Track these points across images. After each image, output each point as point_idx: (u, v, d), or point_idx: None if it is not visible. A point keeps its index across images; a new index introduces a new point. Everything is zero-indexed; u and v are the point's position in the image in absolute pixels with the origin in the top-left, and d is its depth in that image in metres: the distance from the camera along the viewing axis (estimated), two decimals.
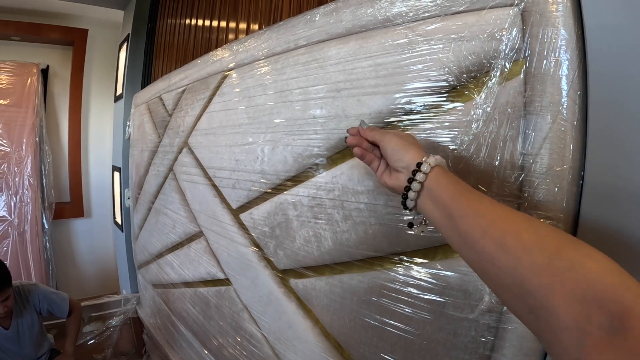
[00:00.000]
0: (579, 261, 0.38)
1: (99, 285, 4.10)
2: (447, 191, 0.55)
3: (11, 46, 3.69)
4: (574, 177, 0.61)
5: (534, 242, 0.42)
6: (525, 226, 0.44)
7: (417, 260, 0.81)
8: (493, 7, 0.70)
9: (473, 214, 0.49)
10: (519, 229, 0.44)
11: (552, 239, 0.41)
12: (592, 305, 0.35)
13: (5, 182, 3.47)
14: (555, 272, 0.38)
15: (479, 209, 0.49)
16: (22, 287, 2.00)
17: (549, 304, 0.38)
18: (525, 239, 0.42)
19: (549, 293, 0.38)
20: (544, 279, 0.39)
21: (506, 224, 0.45)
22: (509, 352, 0.68)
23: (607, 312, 0.34)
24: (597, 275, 0.36)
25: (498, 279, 0.45)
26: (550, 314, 0.37)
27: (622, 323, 0.33)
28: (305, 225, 1.08)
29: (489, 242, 0.46)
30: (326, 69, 1.01)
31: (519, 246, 0.42)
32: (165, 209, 2.06)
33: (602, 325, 0.34)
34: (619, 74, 0.58)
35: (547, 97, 0.63)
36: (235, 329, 1.47)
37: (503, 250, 0.44)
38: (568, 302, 0.36)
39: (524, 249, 0.42)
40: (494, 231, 0.46)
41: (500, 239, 0.44)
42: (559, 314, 0.36)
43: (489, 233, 0.46)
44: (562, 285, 0.37)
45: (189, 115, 1.76)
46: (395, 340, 0.86)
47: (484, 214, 0.48)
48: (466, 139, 0.72)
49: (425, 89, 0.78)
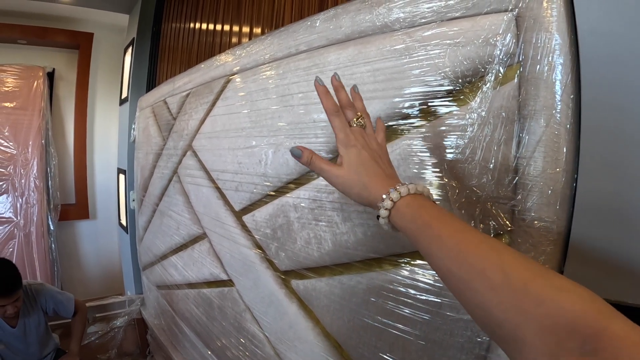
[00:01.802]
0: (548, 295, 0.37)
1: (103, 287, 4.12)
2: (409, 227, 0.54)
3: (18, 50, 3.73)
4: (567, 180, 0.62)
5: (501, 281, 0.41)
6: (492, 262, 0.43)
7: (415, 262, 0.82)
8: (488, 12, 0.71)
9: (436, 250, 0.49)
10: (484, 267, 0.43)
11: (520, 274, 0.41)
12: (563, 333, 0.35)
13: (12, 184, 3.51)
14: (524, 309, 0.38)
15: (441, 245, 0.48)
16: (29, 287, 2.02)
17: (519, 336, 0.38)
18: (491, 279, 0.41)
19: (518, 327, 0.38)
20: (513, 316, 0.38)
21: (471, 261, 0.44)
22: (504, 353, 0.69)
23: (579, 337, 0.34)
24: (568, 305, 0.36)
25: (468, 309, 0.45)
26: (523, 345, 0.37)
27: (594, 344, 0.33)
28: (306, 227, 1.09)
29: (454, 281, 0.46)
30: (326, 74, 1.03)
31: (486, 286, 0.42)
32: (170, 211, 2.08)
33: (574, 350, 0.34)
34: (612, 78, 0.59)
35: (540, 101, 0.64)
36: (238, 329, 1.49)
37: (470, 290, 0.43)
38: (539, 333, 0.36)
39: (491, 289, 0.41)
40: (458, 270, 0.45)
41: (467, 279, 0.44)
42: (531, 344, 0.36)
43: (454, 273, 0.46)
44: (531, 319, 0.37)
45: (193, 118, 1.78)
46: (394, 340, 0.87)
47: (448, 248, 0.47)
48: (461, 143, 0.73)
49: (422, 94, 0.80)
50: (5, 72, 3.54)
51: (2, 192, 3.50)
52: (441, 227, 0.50)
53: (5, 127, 3.49)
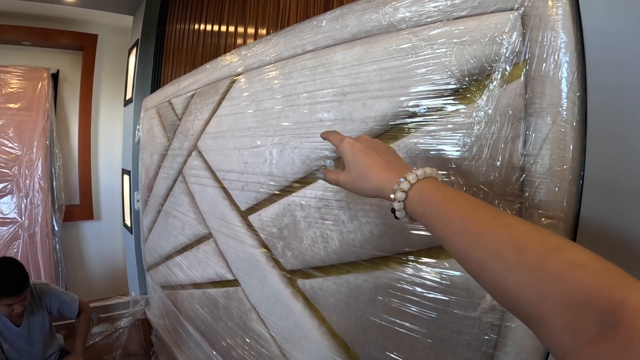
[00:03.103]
0: (563, 271, 0.37)
1: (108, 287, 4.14)
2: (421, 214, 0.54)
3: (22, 51, 3.75)
4: (574, 177, 0.63)
5: (516, 260, 0.41)
6: (505, 241, 0.43)
7: (422, 260, 0.83)
8: (493, 11, 0.71)
9: (450, 235, 0.49)
10: (498, 247, 0.43)
11: (534, 250, 0.41)
12: (580, 309, 0.35)
13: (16, 185, 3.53)
14: (541, 287, 0.38)
15: (454, 230, 0.49)
16: (34, 286, 2.04)
17: (538, 313, 0.38)
18: (506, 258, 0.42)
19: (537, 305, 0.38)
20: (531, 294, 0.39)
21: (485, 242, 0.45)
22: (512, 350, 0.69)
23: (596, 312, 0.34)
24: (583, 280, 0.36)
25: (487, 288, 0.46)
26: (543, 321, 0.38)
27: (613, 317, 0.33)
28: (312, 226, 1.10)
29: (471, 263, 0.46)
30: (332, 74, 1.03)
31: (502, 266, 0.42)
32: (175, 211, 2.09)
33: (592, 324, 0.34)
34: (618, 76, 0.59)
35: (547, 99, 0.64)
36: (244, 329, 1.49)
37: (486, 271, 0.44)
38: (557, 310, 0.36)
39: (507, 269, 0.41)
40: (473, 252, 0.45)
41: (483, 261, 0.44)
42: (551, 321, 0.37)
43: (469, 255, 0.46)
44: (548, 298, 0.37)
45: (199, 119, 1.79)
46: (401, 338, 0.87)
47: (460, 231, 0.48)
48: (468, 141, 0.73)
49: (429, 92, 0.80)
50: (9, 74, 3.56)
51: (6, 192, 3.52)
52: (451, 210, 0.50)
53: (10, 128, 3.51)
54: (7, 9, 3.48)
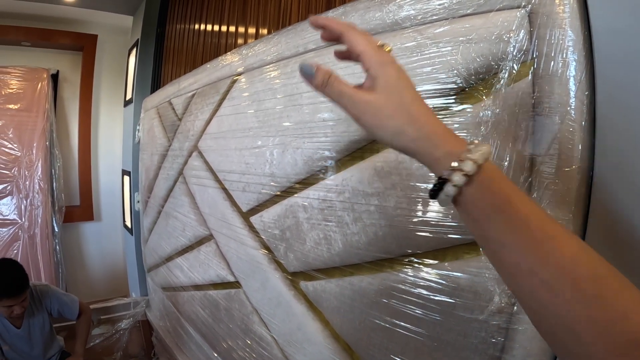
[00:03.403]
0: (632, 310, 0.34)
1: (108, 288, 4.12)
2: (481, 207, 0.41)
3: (22, 52, 3.75)
4: (582, 178, 0.62)
5: (593, 294, 0.35)
6: (585, 270, 0.36)
7: (427, 262, 0.81)
8: (500, 9, 0.70)
9: (518, 240, 0.39)
10: (578, 275, 0.36)
11: (610, 287, 0.35)
12: (634, 350, 0.32)
13: (16, 186, 3.52)
14: (607, 326, 0.34)
15: (528, 236, 0.38)
16: (34, 288, 2.03)
17: (588, 352, 0.34)
18: (584, 290, 0.35)
19: (593, 343, 0.34)
20: (592, 331, 0.34)
21: (563, 265, 0.36)
22: (519, 353, 0.68)
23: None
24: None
25: (538, 313, 0.39)
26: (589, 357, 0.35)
27: None
28: (315, 227, 1.09)
29: (533, 282, 0.37)
30: (336, 72, 1.02)
31: (577, 298, 0.35)
32: (175, 212, 2.08)
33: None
34: (627, 74, 0.58)
35: (555, 98, 0.63)
36: (245, 331, 1.48)
37: (554, 294, 0.36)
38: (615, 350, 0.33)
39: (581, 301, 0.35)
40: (543, 273, 0.37)
41: (554, 287, 0.36)
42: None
43: (535, 273, 0.37)
44: (610, 338, 0.34)
45: (199, 119, 1.78)
46: (406, 341, 0.86)
47: (536, 241, 0.38)
48: (475, 141, 0.72)
49: (434, 91, 0.79)
50: (9, 74, 3.56)
51: (6, 194, 3.51)
52: (528, 211, 0.39)
53: (9, 129, 3.51)
54: (6, 9, 3.47)
